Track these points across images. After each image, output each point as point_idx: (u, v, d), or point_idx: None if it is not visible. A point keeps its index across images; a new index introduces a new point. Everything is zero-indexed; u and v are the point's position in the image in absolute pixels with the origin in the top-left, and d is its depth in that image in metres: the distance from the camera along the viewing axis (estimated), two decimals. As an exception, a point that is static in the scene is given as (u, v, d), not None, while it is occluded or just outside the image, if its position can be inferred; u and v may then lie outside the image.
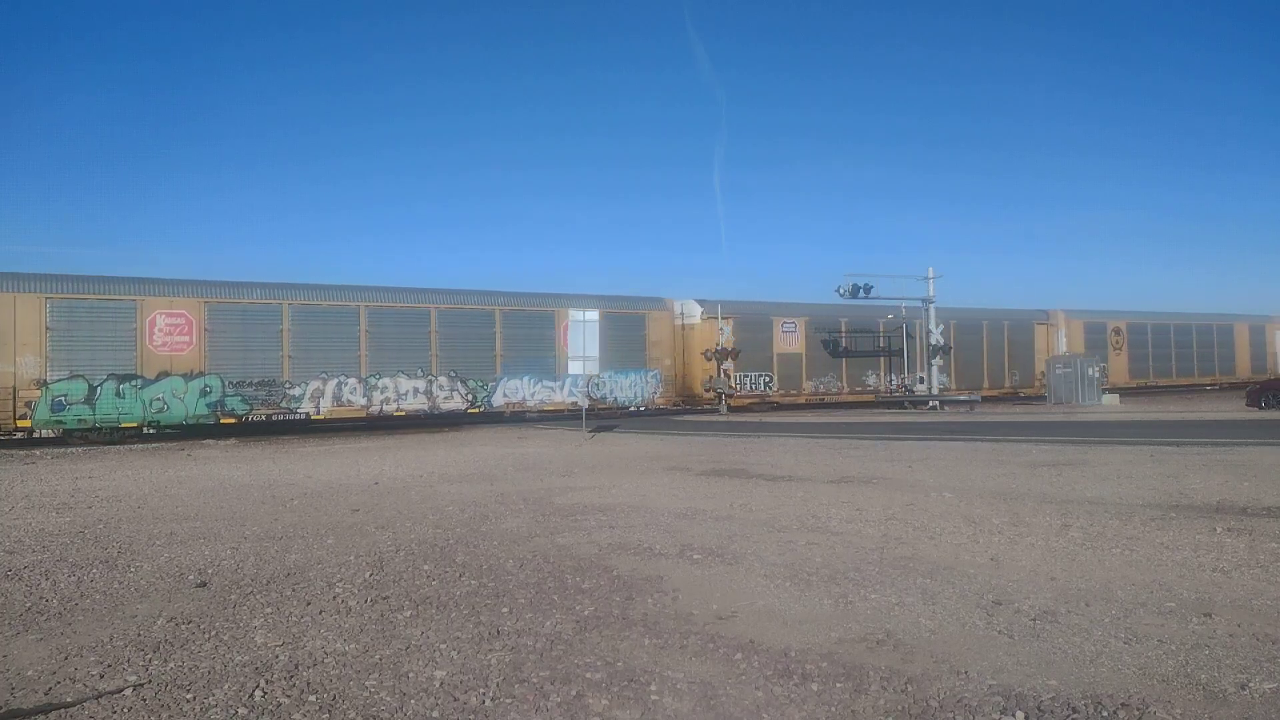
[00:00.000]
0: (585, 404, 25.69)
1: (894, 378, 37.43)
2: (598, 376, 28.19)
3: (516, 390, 28.83)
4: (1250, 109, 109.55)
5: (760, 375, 34.61)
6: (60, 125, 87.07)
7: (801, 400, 35.19)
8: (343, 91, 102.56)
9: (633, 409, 31.30)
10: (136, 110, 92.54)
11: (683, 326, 33.58)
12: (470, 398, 28.00)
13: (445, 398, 27.63)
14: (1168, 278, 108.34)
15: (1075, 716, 3.80)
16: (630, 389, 31.08)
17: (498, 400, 28.47)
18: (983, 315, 40.10)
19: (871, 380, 37.05)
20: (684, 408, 33.87)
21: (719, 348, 33.02)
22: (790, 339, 35.37)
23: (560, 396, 29.41)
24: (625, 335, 30.81)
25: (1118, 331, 43.65)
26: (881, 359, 37.65)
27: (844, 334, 36.37)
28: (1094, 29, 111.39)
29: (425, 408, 27.25)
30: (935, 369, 35.41)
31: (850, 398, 36.03)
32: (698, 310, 33.79)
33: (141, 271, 34.13)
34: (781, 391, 34.87)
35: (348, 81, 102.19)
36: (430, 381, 27.41)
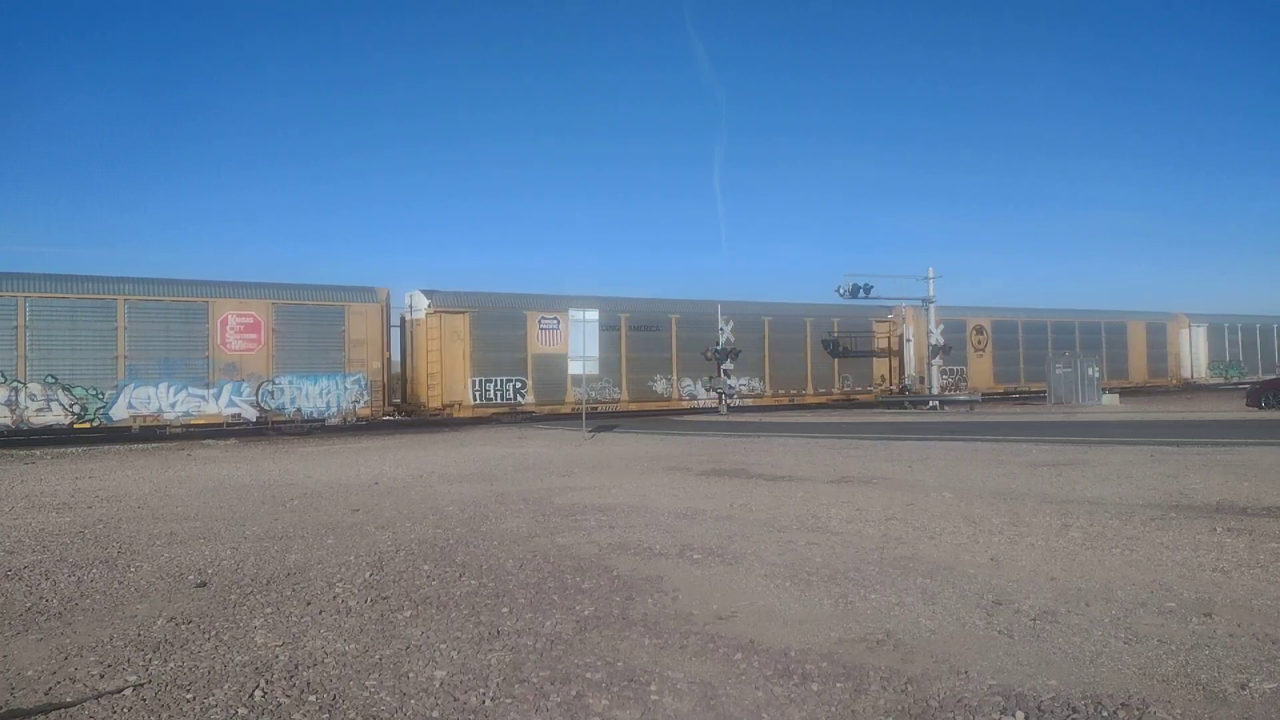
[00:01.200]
0: (254, 414, 23.16)
1: (690, 381, 32.67)
2: (271, 381, 24.66)
3: (149, 400, 23.49)
4: (1250, 109, 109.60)
5: (510, 380, 29.26)
6: (59, 125, 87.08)
7: (567, 410, 29.60)
8: (343, 91, 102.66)
9: (328, 421, 25.91)
10: (136, 110, 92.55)
11: (410, 321, 28.97)
12: (78, 409, 22.60)
13: (39, 409, 22.28)
14: (1167, 278, 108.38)
15: (1075, 716, 3.80)
16: (322, 397, 25.72)
17: (120, 412, 23.03)
18: (793, 312, 35.74)
19: (661, 386, 32.13)
20: (405, 419, 29.60)
21: (719, 347, 33.00)
22: (551, 336, 29.81)
23: (214, 407, 24.16)
24: (318, 332, 25.73)
25: (980, 330, 39.17)
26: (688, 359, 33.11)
27: (625, 332, 31.18)
28: (1094, 29, 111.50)
29: (7, 422, 21.90)
30: (934, 369, 35.40)
31: (634, 406, 31.50)
32: (425, 303, 28.53)
33: None
34: (537, 401, 29.57)
35: (348, 81, 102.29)
36: (16, 390, 21.99)
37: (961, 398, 35.44)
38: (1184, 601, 5.57)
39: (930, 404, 34.36)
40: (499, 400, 29.22)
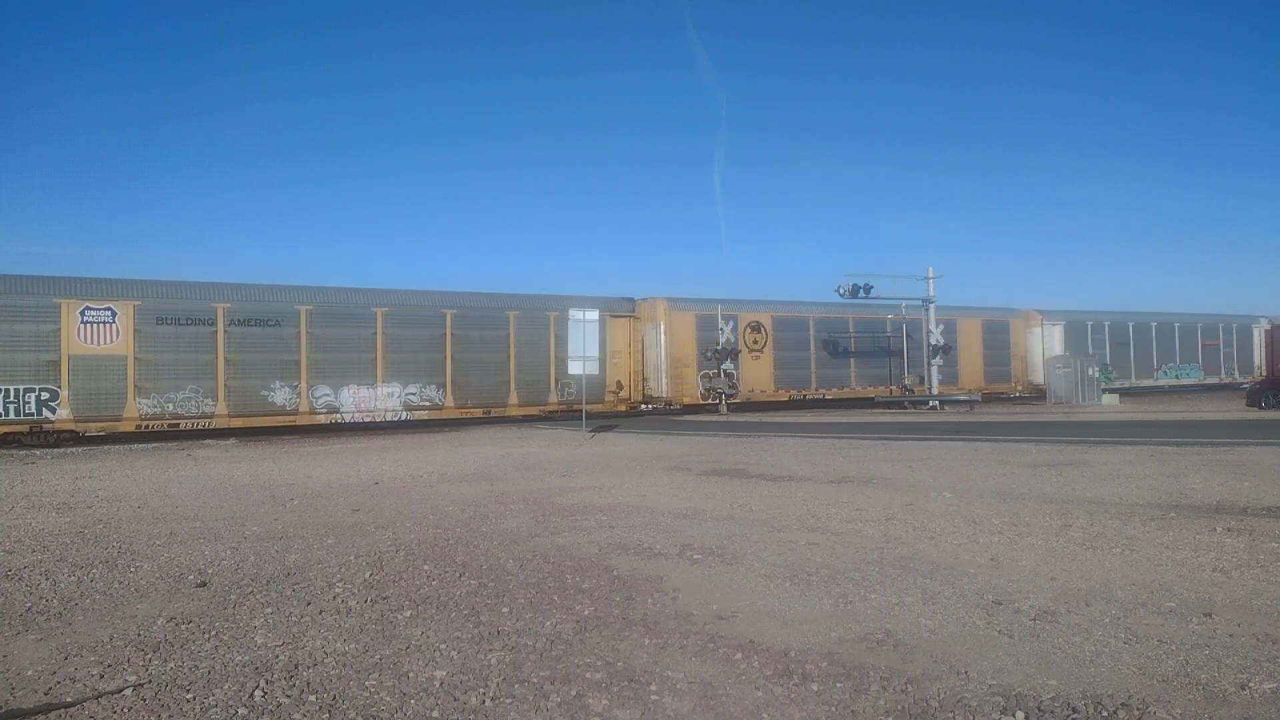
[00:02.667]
0: None
1: (330, 391, 25.65)
2: None
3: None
4: (1250, 109, 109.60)
5: (32, 390, 21.95)
6: (58, 125, 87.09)
7: (130, 428, 23.27)
8: (342, 92, 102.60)
9: None
10: (135, 110, 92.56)
11: None
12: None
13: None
14: (1168, 278, 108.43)
15: (1075, 716, 3.80)
16: None
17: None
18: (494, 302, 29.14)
19: (281, 396, 25.13)
20: None
21: (720, 347, 32.99)
22: (100, 333, 22.62)
23: None
24: None
25: (757, 328, 34.10)
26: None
27: (223, 329, 24.41)
28: (1093, 29, 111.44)
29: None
30: (935, 368, 35.42)
31: (238, 422, 24.61)
32: None
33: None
34: (76, 416, 22.43)
35: (347, 82, 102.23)
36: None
37: (961, 397, 35.44)
38: (1184, 601, 5.57)
39: (930, 404, 34.37)
40: (8, 415, 21.72)
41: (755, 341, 34.15)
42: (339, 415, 25.78)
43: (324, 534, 8.71)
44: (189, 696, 4.27)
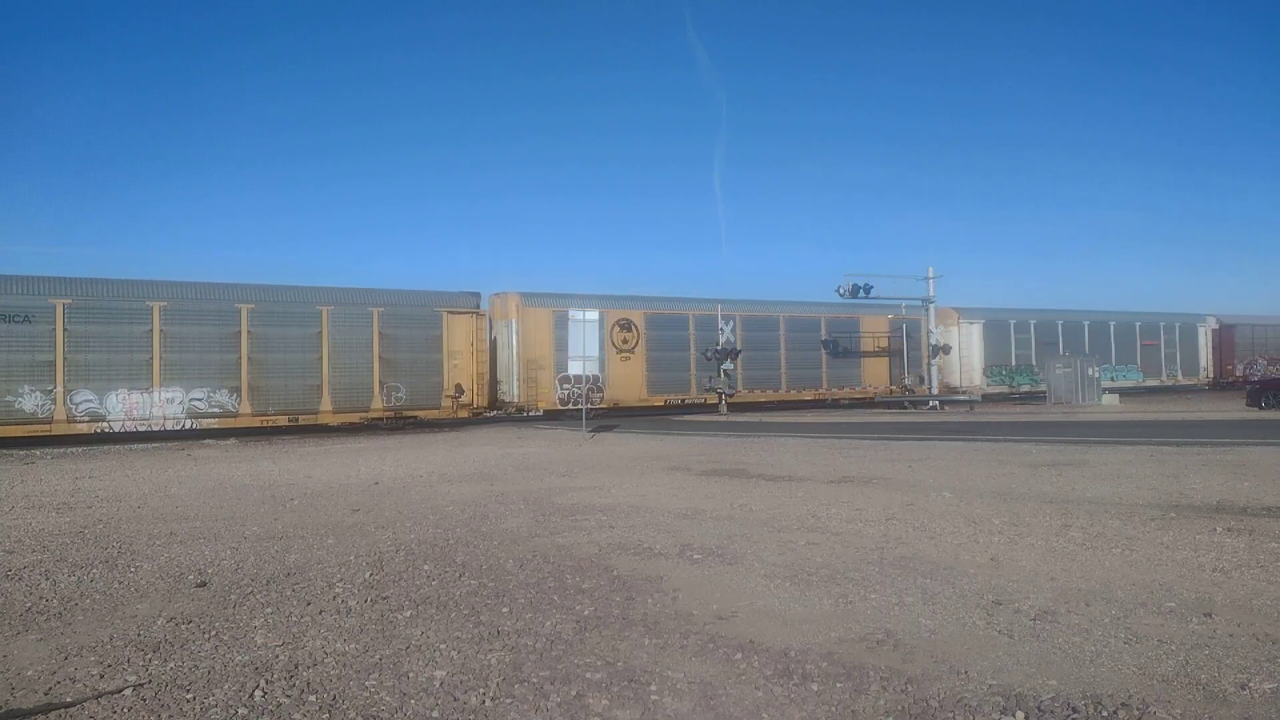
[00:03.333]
0: None
1: (94, 397, 22.60)
2: None
3: None
4: (1250, 109, 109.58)
5: None
6: (58, 125, 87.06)
7: None
8: (342, 92, 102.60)
9: None
10: (134, 110, 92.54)
11: None
12: None
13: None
14: (1167, 278, 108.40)
15: (1075, 716, 3.80)
16: None
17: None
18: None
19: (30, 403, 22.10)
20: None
21: (720, 347, 32.99)
22: None
23: None
24: None
25: (627, 325, 31.29)
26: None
27: None
28: (1093, 29, 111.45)
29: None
30: (935, 367, 35.40)
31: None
32: None
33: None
34: None
35: (347, 82, 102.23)
36: None
37: (961, 397, 35.45)
38: (1184, 601, 5.57)
39: (930, 404, 34.38)
40: None
41: (625, 341, 31.40)
42: (105, 424, 22.90)
43: (324, 534, 8.71)
44: (189, 696, 4.27)
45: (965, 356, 39.74)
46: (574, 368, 24.50)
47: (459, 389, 27.51)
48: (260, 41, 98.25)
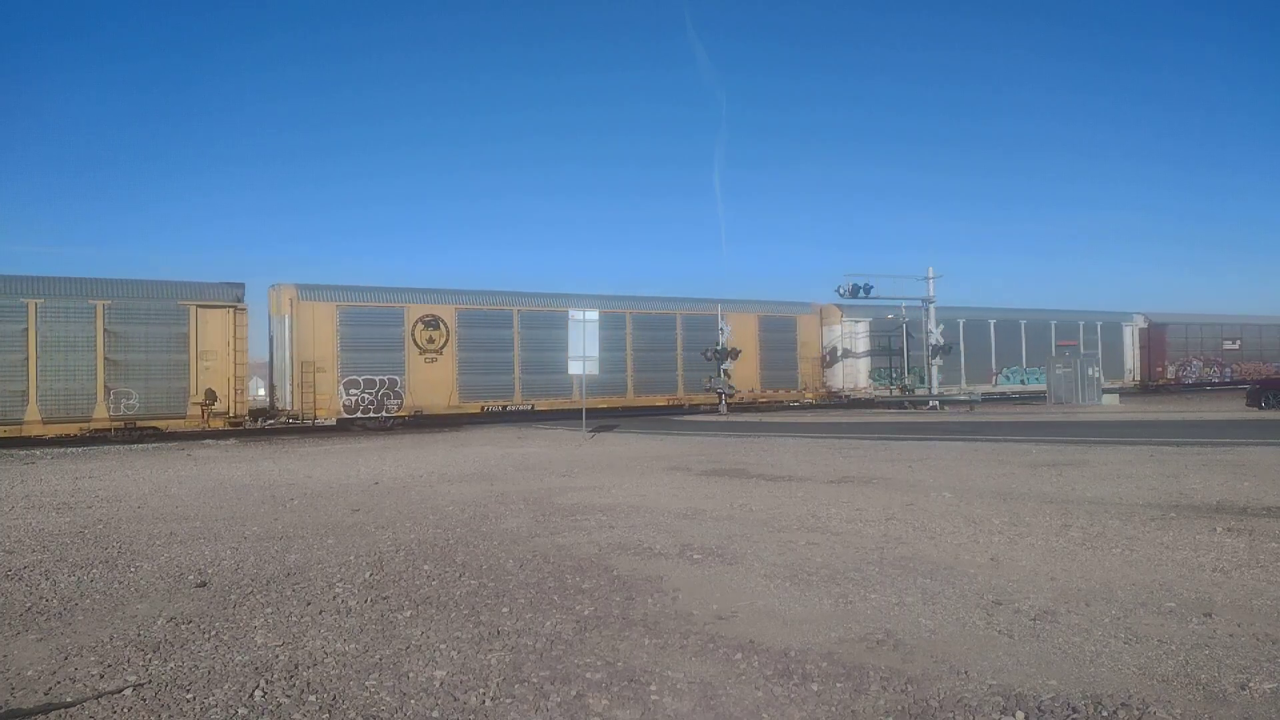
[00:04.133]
0: None
1: None
2: None
3: None
4: (1250, 109, 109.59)
5: None
6: (56, 125, 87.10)
7: None
8: (343, 92, 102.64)
9: None
10: (133, 110, 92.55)
11: None
12: None
13: None
14: (1167, 278, 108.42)
15: (1075, 716, 3.80)
16: None
17: None
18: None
19: None
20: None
21: (720, 347, 32.99)
22: None
23: None
24: None
25: (434, 323, 27.88)
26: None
27: None
28: (1093, 29, 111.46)
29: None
30: (934, 369, 35.38)
31: None
32: None
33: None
34: None
35: (348, 82, 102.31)
36: None
37: (961, 397, 35.44)
38: (1184, 601, 5.57)
39: (930, 404, 34.37)
40: None
41: (431, 340, 27.73)
42: None
43: (324, 534, 8.71)
44: (189, 696, 4.27)
45: (849, 357, 36.81)
46: (574, 368, 24.41)
47: (210, 395, 24.01)
48: (259, 41, 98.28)
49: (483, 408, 29.04)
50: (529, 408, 29.98)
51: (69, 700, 4.25)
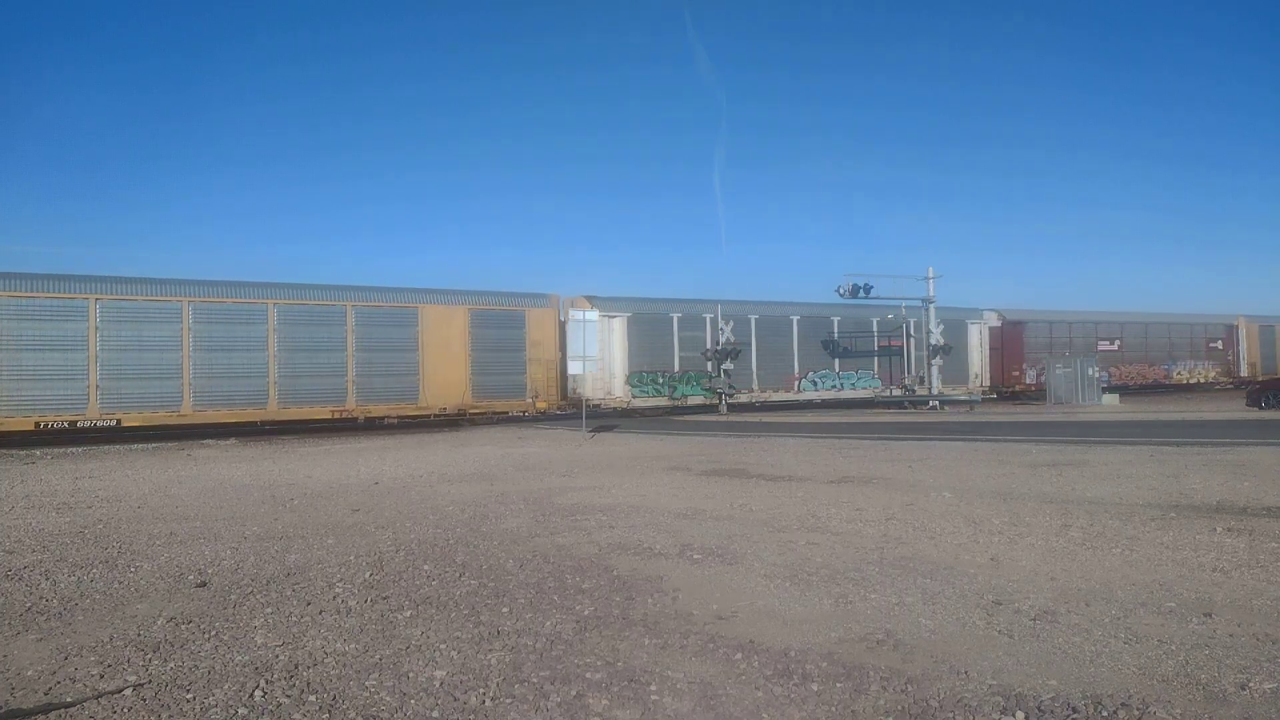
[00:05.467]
0: None
1: None
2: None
3: None
4: (1250, 109, 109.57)
5: None
6: (56, 125, 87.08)
7: None
8: (342, 91, 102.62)
9: None
10: (132, 111, 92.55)
11: None
12: None
13: None
14: (1167, 278, 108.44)
15: (1075, 716, 3.80)
16: None
17: None
18: None
19: None
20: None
21: (719, 347, 32.98)
22: None
23: None
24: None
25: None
26: None
27: None
28: (1093, 29, 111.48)
29: None
30: (934, 369, 35.39)
31: None
32: None
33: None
34: None
35: (347, 81, 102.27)
36: None
37: (961, 397, 35.43)
38: (1184, 601, 5.57)
39: (930, 404, 34.38)
40: None
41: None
42: None
43: (324, 534, 8.71)
44: (189, 696, 4.27)
45: (603, 359, 29.88)
46: (574, 368, 24.42)
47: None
48: (257, 42, 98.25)
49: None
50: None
51: (69, 700, 4.25)
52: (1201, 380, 45.80)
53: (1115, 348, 43.17)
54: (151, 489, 12.90)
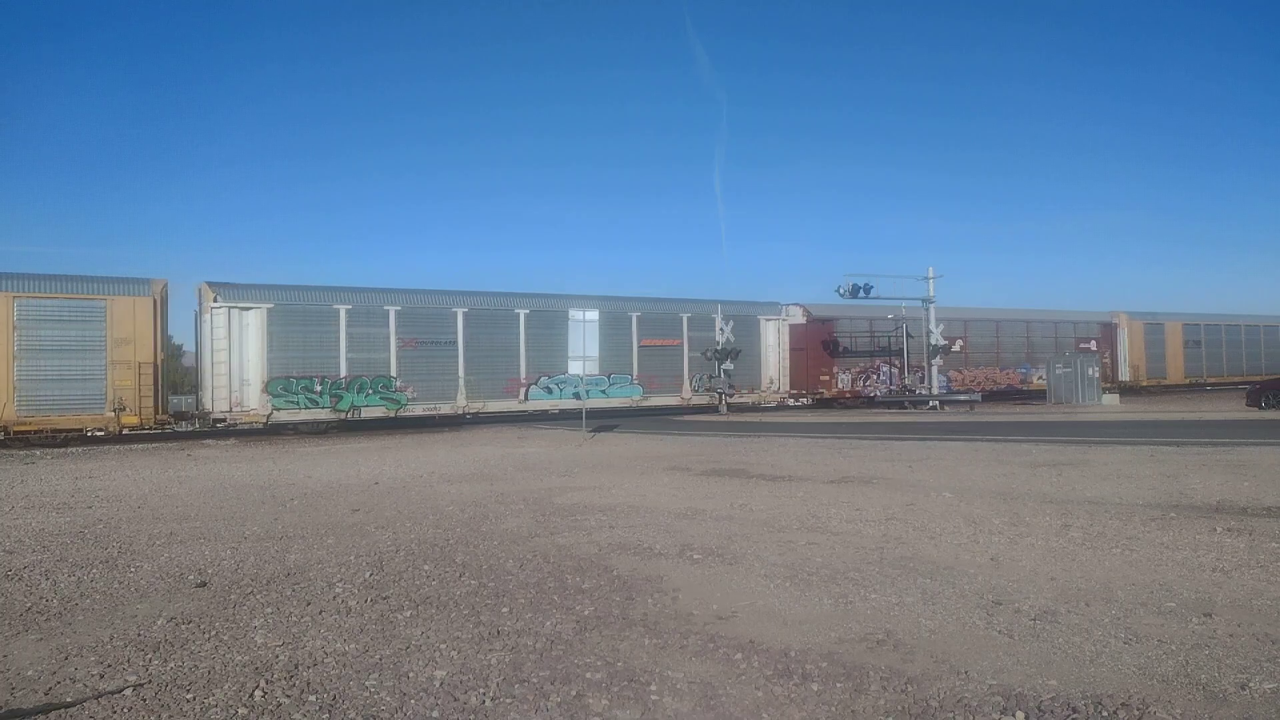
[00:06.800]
0: None
1: None
2: None
3: None
4: (1250, 109, 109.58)
5: None
6: (55, 125, 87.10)
7: None
8: (342, 91, 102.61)
9: None
10: (132, 111, 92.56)
11: None
12: None
13: None
14: (1167, 278, 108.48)
15: (1075, 716, 3.80)
16: None
17: None
18: None
19: None
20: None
21: (719, 347, 32.97)
22: None
23: None
24: None
25: None
26: None
27: None
28: (1093, 29, 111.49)
29: None
30: (934, 369, 35.39)
31: None
32: None
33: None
34: None
35: (347, 81, 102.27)
36: None
37: (961, 397, 35.42)
38: (1184, 601, 5.57)
39: (930, 404, 34.38)
40: None
41: None
42: None
43: (324, 534, 8.71)
44: (189, 696, 4.27)
45: (235, 362, 24.91)
46: (574, 367, 24.44)
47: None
48: (256, 42, 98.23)
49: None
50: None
51: (69, 700, 4.25)
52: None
53: (957, 349, 37.68)
54: (151, 489, 12.89)
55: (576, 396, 27.91)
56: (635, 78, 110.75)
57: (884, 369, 37.31)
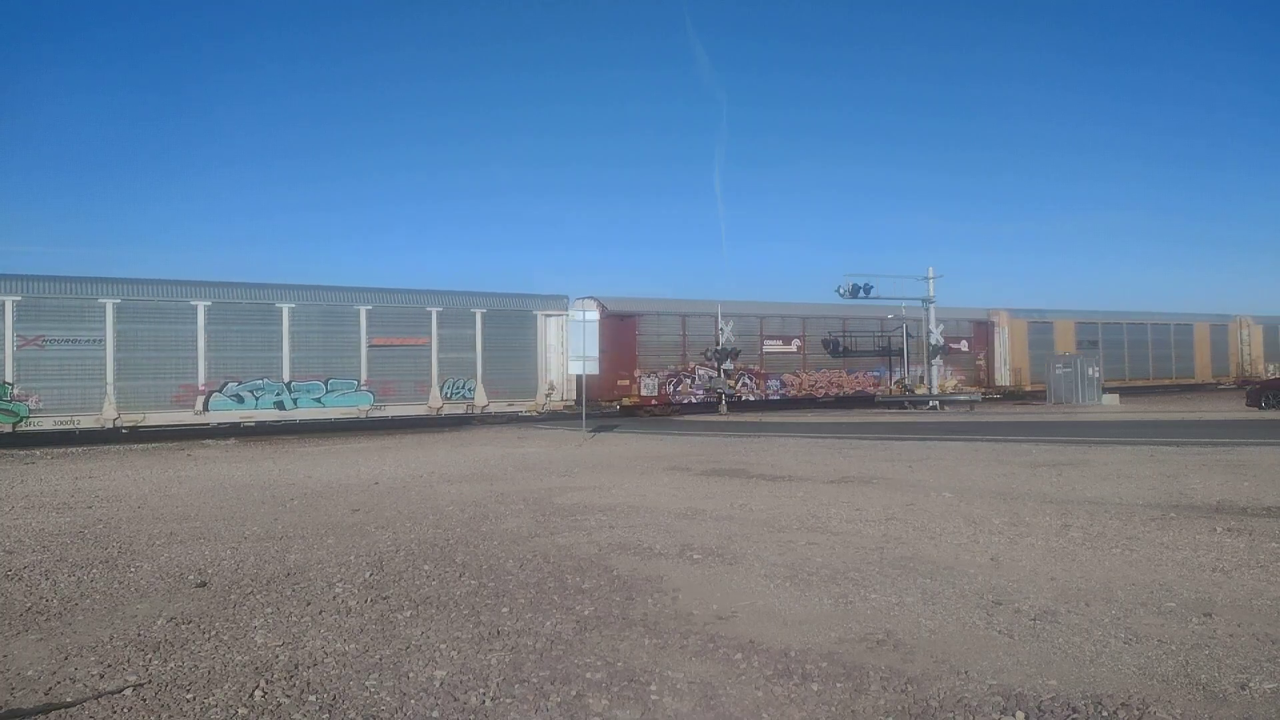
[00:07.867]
0: None
1: None
2: None
3: None
4: (1250, 109, 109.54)
5: None
6: (55, 125, 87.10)
7: None
8: (341, 91, 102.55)
9: None
10: (130, 110, 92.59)
11: None
12: None
13: None
14: (1168, 278, 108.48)
15: (1075, 716, 3.80)
16: None
17: None
18: None
19: None
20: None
21: (720, 347, 32.94)
22: None
23: None
24: None
25: None
26: None
27: None
28: (1093, 28, 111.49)
29: None
30: (934, 369, 35.38)
31: None
32: None
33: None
34: None
35: (346, 81, 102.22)
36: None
37: (961, 397, 35.41)
38: (1184, 601, 5.57)
39: (930, 404, 34.36)
40: None
41: None
42: None
43: (324, 534, 8.71)
44: (189, 696, 4.27)
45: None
46: (574, 367, 24.44)
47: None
48: (256, 42, 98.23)
49: None
50: None
51: (69, 700, 4.25)
52: (939, 389, 35.49)
53: (794, 349, 34.26)
54: (151, 489, 12.89)
55: (280, 406, 24.23)
56: (635, 78, 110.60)
57: (700, 372, 32.28)
